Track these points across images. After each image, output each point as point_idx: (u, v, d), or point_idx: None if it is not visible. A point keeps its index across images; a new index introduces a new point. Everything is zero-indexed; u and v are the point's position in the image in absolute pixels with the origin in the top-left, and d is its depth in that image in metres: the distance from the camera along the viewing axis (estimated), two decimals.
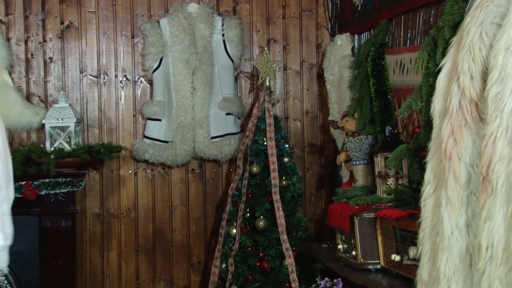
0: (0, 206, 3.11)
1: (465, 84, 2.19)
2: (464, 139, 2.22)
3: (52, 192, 4.71)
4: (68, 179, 4.73)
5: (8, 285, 4.61)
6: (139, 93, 5.18)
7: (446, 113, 2.31)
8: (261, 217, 4.63)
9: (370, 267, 3.62)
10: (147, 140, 5.09)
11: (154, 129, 5.10)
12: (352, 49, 4.78)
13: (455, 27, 2.89)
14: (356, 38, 4.80)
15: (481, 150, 2.06)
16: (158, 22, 5.09)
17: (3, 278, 4.51)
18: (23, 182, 4.57)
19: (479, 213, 2.09)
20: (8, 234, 3.12)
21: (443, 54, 2.68)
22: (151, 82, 5.14)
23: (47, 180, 4.67)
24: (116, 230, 5.15)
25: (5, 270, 3.24)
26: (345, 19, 4.96)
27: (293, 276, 4.46)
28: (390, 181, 3.71)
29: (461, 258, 2.28)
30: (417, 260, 2.62)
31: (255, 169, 4.70)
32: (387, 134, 3.82)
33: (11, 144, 4.88)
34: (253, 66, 5.11)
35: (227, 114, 5.12)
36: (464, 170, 2.23)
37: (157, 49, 5.06)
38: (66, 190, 4.75)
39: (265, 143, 4.69)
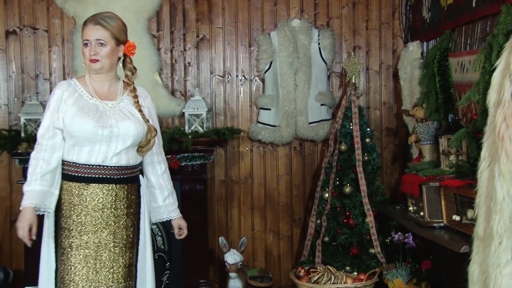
0: (166, 169, 3.24)
1: None
2: None
3: (189, 163, 4.80)
4: (201, 154, 4.80)
5: (159, 231, 4.78)
6: (254, 89, 5.22)
7: (499, 104, 2.28)
8: (348, 184, 4.62)
9: (435, 225, 3.58)
10: (260, 125, 5.13)
11: (265, 116, 5.13)
12: (422, 53, 4.68)
13: (508, 34, 2.83)
14: (425, 44, 4.70)
15: None
16: (269, 34, 5.11)
17: (155, 226, 4.69)
18: (169, 156, 4.62)
19: None
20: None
21: (498, 56, 2.62)
22: (263, 80, 5.17)
23: (186, 154, 4.74)
24: (236, 193, 5.21)
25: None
26: (416, 29, 4.87)
27: (373, 231, 4.45)
28: (452, 157, 3.65)
29: (511, 219, 2.25)
30: (474, 220, 2.59)
31: (343, 147, 4.69)
32: (449, 120, 3.77)
33: (160, 127, 5.05)
34: (342, 67, 5.07)
35: (321, 104, 5.10)
36: None
37: (268, 55, 5.08)
38: (199, 162, 4.83)
39: (351, 127, 4.67)
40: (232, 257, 4.70)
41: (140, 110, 3.04)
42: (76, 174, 2.96)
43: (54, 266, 3.00)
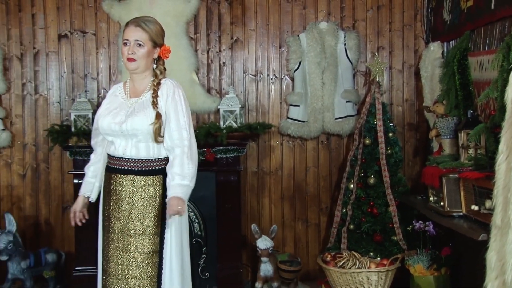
0: (178, 153, 3.00)
1: None
2: None
3: (224, 156, 4.79)
4: (235, 147, 4.79)
5: (196, 218, 4.80)
6: (284, 87, 5.20)
7: None
8: (372, 176, 4.59)
9: (454, 214, 3.54)
10: (290, 120, 5.11)
11: (295, 112, 5.11)
12: (442, 53, 4.62)
13: None
14: (445, 45, 4.63)
15: None
16: (298, 36, 5.09)
17: (193, 214, 4.72)
18: (205, 149, 4.67)
19: None
20: (192, 180, 3.03)
21: None
22: (292, 79, 5.15)
23: (221, 147, 4.74)
24: (267, 183, 5.21)
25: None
26: (437, 31, 4.80)
27: (395, 219, 4.42)
28: (471, 151, 3.59)
29: None
30: (491, 209, 2.54)
31: (367, 141, 4.65)
32: (469, 116, 3.72)
33: (197, 122, 5.08)
34: (367, 66, 5.03)
35: (347, 101, 5.06)
36: None
37: (297, 55, 5.06)
38: (233, 155, 4.82)
39: (375, 122, 4.64)
40: (263, 243, 4.70)
41: (153, 102, 2.96)
42: (109, 165, 3.07)
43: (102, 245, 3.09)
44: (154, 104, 2.95)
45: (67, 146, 4.78)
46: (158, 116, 2.94)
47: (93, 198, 3.16)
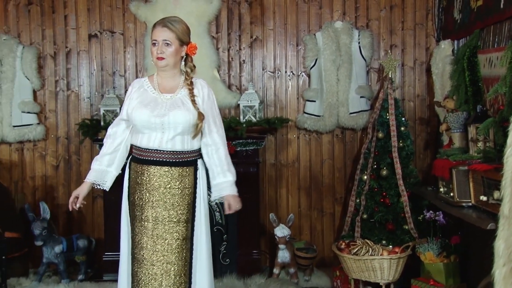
0: (218, 150, 3.10)
1: None
2: None
3: (244, 148, 4.80)
4: (254, 140, 4.80)
5: (217, 208, 4.81)
6: (301, 83, 5.19)
7: None
8: (384, 168, 4.56)
9: (464, 204, 3.50)
10: (306, 115, 5.11)
11: (311, 107, 5.10)
12: (452, 50, 4.58)
13: None
14: (456, 43, 4.59)
15: None
16: (315, 34, 5.07)
17: (219, 202, 4.72)
18: (226, 142, 4.69)
19: None
20: (234, 174, 3.13)
21: None
22: (309, 76, 5.14)
23: (241, 141, 4.74)
24: (285, 174, 5.21)
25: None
26: (448, 29, 4.75)
27: (407, 209, 4.39)
28: (480, 144, 3.56)
29: None
30: (500, 200, 2.51)
31: (380, 135, 4.62)
32: (478, 111, 3.67)
33: None
34: (380, 63, 5.00)
35: (361, 97, 5.04)
36: None
37: (313, 53, 5.05)
38: (253, 148, 4.82)
39: (388, 117, 4.60)
40: (281, 231, 4.71)
41: (192, 100, 3.00)
42: (139, 157, 3.03)
43: (130, 234, 3.07)
44: (194, 103, 2.99)
45: (97, 139, 4.82)
46: (201, 116, 2.99)
47: (107, 187, 3.11)
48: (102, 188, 3.12)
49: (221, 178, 3.07)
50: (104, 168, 3.09)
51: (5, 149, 5.20)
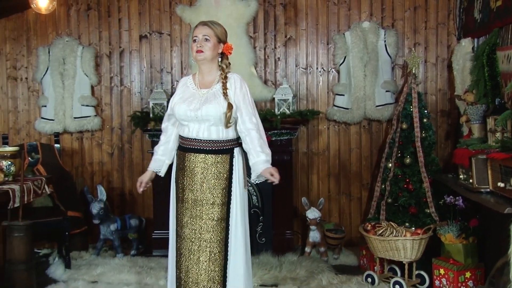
0: (253, 135, 3.04)
1: None
2: None
3: (278, 138, 4.82)
4: (288, 131, 4.82)
5: (254, 192, 4.86)
6: (330, 78, 5.19)
7: None
8: (408, 156, 4.53)
9: (482, 190, 3.47)
10: (335, 108, 5.10)
11: (340, 101, 5.10)
12: (472, 48, 4.51)
13: None
14: (475, 41, 4.51)
15: None
16: (344, 34, 5.06)
17: (251, 188, 4.77)
18: (261, 128, 4.67)
19: None
20: (268, 153, 3.03)
21: None
22: (338, 72, 5.13)
23: (276, 131, 4.77)
24: (316, 162, 5.22)
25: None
26: (468, 28, 4.67)
27: (429, 194, 4.36)
28: (498, 134, 3.52)
29: None
30: None
31: (404, 126, 4.59)
32: (496, 103, 3.62)
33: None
34: (404, 60, 4.96)
35: (386, 91, 5.01)
36: None
37: (343, 51, 5.04)
38: (286, 138, 4.85)
39: (411, 109, 4.56)
40: (312, 214, 4.73)
41: (224, 93, 2.99)
42: (182, 145, 3.09)
43: (175, 213, 3.14)
44: (225, 95, 3.00)
45: (147, 129, 4.91)
46: (230, 106, 2.98)
47: (162, 173, 3.20)
48: (159, 175, 3.22)
49: (254, 159, 3.01)
50: (159, 158, 3.18)
51: (67, 138, 5.35)
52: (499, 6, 3.86)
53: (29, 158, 4.76)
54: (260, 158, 3.00)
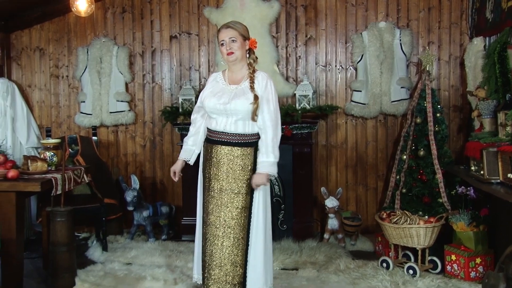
0: (267, 134, 3.04)
1: None
2: None
3: (299, 132, 4.83)
4: (308, 125, 4.82)
5: (276, 181, 4.89)
6: (348, 75, 5.18)
7: None
8: (422, 149, 4.52)
9: (493, 181, 3.46)
10: (353, 103, 5.10)
11: (357, 96, 5.09)
12: (484, 46, 4.46)
13: None
14: (487, 39, 4.46)
15: None
16: (361, 33, 5.05)
17: (273, 178, 4.81)
18: (284, 126, 4.69)
19: None
20: (277, 155, 3.06)
21: None
22: (355, 69, 5.12)
23: (296, 125, 4.77)
24: (334, 154, 5.23)
25: (275, 175, 3.14)
26: (480, 27, 4.62)
27: (441, 185, 4.35)
28: (508, 128, 3.49)
29: None
30: None
31: (418, 120, 4.58)
32: (507, 99, 3.60)
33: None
34: (419, 58, 4.94)
35: (401, 87, 4.99)
36: None
37: (360, 49, 5.03)
38: (307, 131, 4.85)
39: (425, 104, 4.54)
40: (331, 202, 4.75)
41: (251, 87, 3.01)
42: (209, 137, 3.12)
43: (202, 201, 3.20)
44: (252, 88, 3.02)
45: (176, 123, 4.97)
46: (256, 98, 3.00)
47: (192, 162, 3.24)
48: (189, 163, 3.27)
49: (263, 158, 3.02)
50: (189, 147, 3.24)
51: (104, 131, 5.45)
52: (510, 6, 3.82)
53: (70, 149, 4.87)
54: (268, 159, 3.00)
